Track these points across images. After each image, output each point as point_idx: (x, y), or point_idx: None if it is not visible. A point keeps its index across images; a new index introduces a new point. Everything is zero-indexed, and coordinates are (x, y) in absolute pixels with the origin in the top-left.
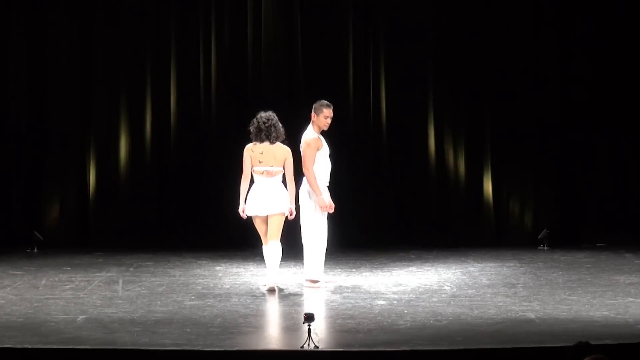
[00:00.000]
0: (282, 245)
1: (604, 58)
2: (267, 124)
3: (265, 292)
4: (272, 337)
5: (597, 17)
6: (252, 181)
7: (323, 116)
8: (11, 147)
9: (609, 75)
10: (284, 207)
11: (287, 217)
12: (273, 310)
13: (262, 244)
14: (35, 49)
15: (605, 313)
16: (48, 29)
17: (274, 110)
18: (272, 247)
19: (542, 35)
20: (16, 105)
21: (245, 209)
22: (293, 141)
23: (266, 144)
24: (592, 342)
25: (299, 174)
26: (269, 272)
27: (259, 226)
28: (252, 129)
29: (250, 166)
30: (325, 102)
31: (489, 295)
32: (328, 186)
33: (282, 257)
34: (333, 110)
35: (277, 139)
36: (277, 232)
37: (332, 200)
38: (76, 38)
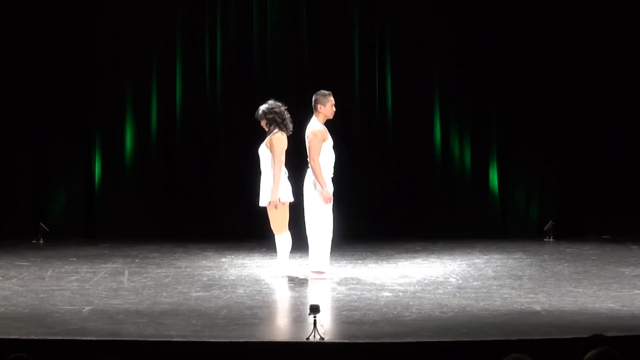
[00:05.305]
0: (289, 237)
1: (610, 47)
2: (288, 114)
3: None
4: (278, 328)
5: (603, 4)
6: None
7: (330, 104)
8: (17, 138)
9: (616, 65)
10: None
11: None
12: (279, 302)
13: (274, 234)
14: (42, 40)
15: (611, 305)
16: (55, 19)
17: (280, 102)
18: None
19: (548, 26)
20: (22, 96)
21: (286, 195)
22: (298, 133)
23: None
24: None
25: (303, 165)
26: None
27: (287, 213)
28: (278, 118)
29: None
30: (325, 91)
31: (494, 287)
32: (332, 177)
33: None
34: (338, 101)
35: None
36: None
37: (338, 191)
38: (83, 28)
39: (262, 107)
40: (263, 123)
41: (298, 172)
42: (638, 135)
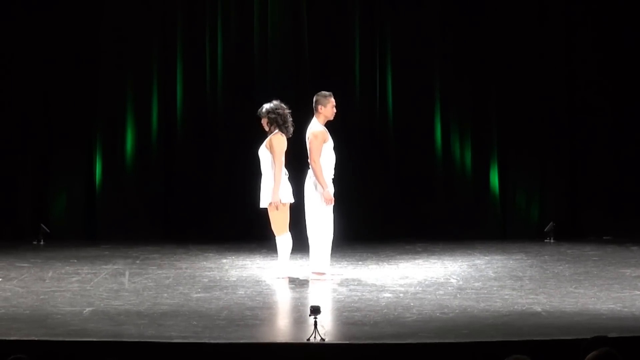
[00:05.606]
0: (290, 238)
1: (610, 47)
2: (291, 118)
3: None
4: (279, 329)
5: (603, 5)
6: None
7: (331, 106)
8: (18, 139)
9: (615, 65)
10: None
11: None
12: (279, 303)
13: (274, 235)
14: (42, 40)
15: (612, 306)
16: (55, 19)
17: (285, 104)
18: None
19: (548, 26)
20: (22, 97)
21: (286, 196)
22: (298, 134)
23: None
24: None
25: (304, 166)
26: (287, 262)
27: (288, 214)
28: (280, 120)
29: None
30: (326, 92)
31: (495, 288)
32: (333, 179)
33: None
34: (338, 102)
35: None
36: None
37: (338, 192)
38: (83, 29)
39: (266, 106)
40: (264, 122)
41: (298, 173)
42: (638, 135)
